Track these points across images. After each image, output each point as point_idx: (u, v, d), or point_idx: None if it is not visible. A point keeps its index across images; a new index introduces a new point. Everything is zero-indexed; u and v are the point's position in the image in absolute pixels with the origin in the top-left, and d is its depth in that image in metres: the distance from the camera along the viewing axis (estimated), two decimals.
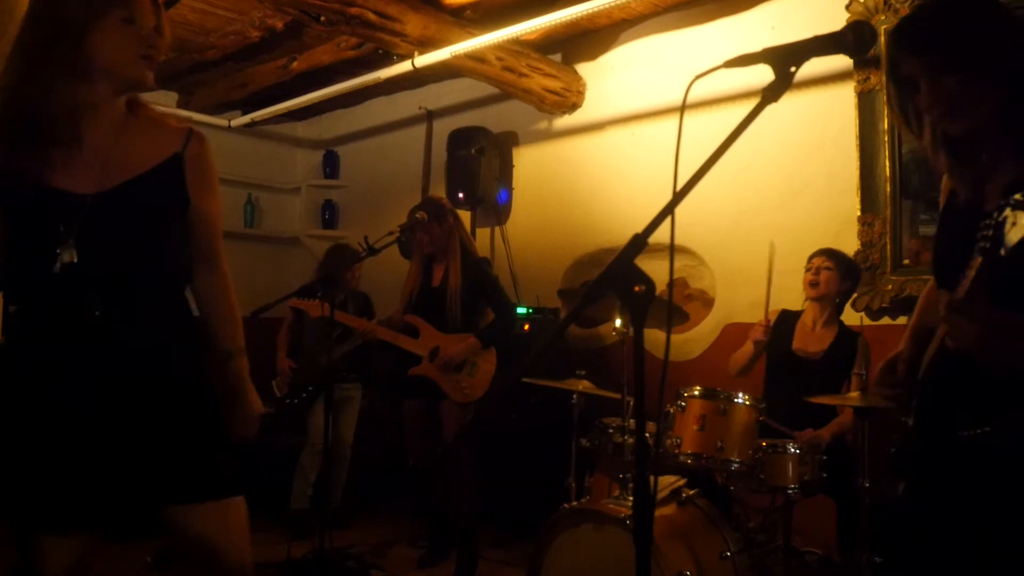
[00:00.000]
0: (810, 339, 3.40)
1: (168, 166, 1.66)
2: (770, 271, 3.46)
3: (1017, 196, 1.14)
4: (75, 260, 1.53)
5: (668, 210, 1.17)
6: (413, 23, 4.03)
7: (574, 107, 4.92)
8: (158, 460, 1.60)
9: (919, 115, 1.42)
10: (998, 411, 1.21)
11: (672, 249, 1.23)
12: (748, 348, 3.49)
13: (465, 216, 4.58)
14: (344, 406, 4.61)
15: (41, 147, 1.55)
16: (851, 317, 3.54)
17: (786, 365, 3.40)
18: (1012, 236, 1.23)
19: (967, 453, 1.25)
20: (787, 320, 3.49)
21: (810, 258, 3.44)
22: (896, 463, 1.42)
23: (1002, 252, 1.17)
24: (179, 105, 5.82)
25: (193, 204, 1.70)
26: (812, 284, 3.37)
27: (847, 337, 3.32)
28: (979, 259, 1.18)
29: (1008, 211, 1.18)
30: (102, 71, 1.58)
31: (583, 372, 3.38)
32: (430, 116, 5.70)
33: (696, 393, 2.90)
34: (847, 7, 3.75)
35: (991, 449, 1.22)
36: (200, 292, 1.77)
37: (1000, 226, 1.18)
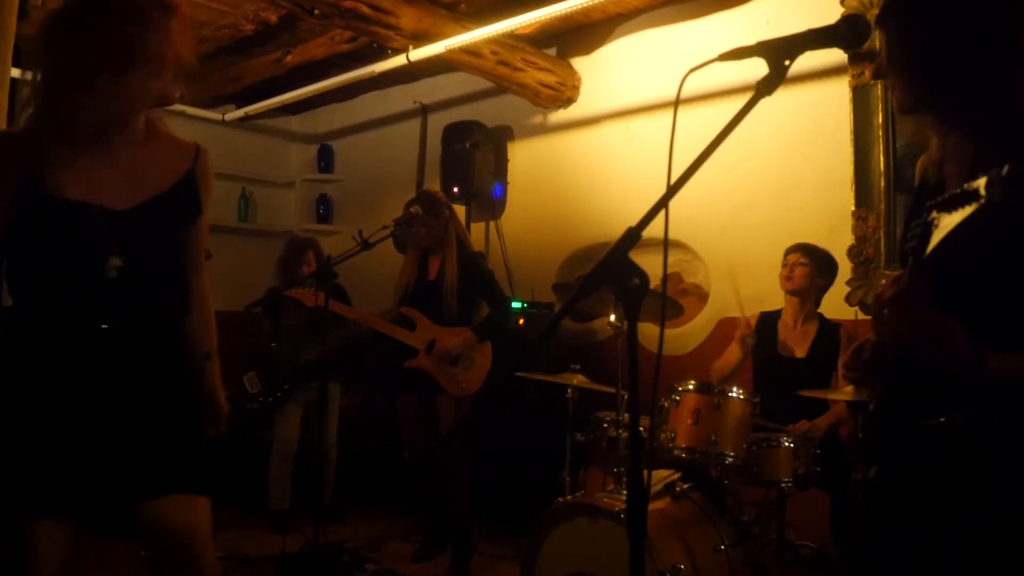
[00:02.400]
0: (793, 338, 3.42)
1: (186, 181, 1.76)
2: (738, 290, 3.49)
3: (946, 196, 1.14)
4: (122, 270, 1.62)
5: (662, 204, 1.17)
6: (407, 17, 4.02)
7: (569, 101, 4.91)
8: (150, 454, 1.65)
9: None
10: (961, 401, 1.21)
11: (666, 243, 1.23)
12: (733, 354, 3.46)
13: (460, 210, 4.57)
14: (325, 405, 4.57)
15: (76, 160, 1.61)
16: (846, 312, 3.55)
17: (773, 367, 3.42)
18: (935, 237, 1.25)
19: (929, 441, 1.25)
20: (768, 322, 3.50)
21: (786, 254, 3.47)
22: (865, 449, 1.42)
23: (927, 254, 1.18)
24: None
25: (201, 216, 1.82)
26: (787, 278, 3.41)
27: (829, 330, 3.37)
28: (911, 260, 1.18)
29: (935, 213, 1.19)
30: (143, 91, 1.65)
31: (577, 366, 3.39)
32: (424, 110, 5.68)
33: (690, 387, 2.91)
34: (842, 2, 3.75)
35: (953, 438, 1.22)
36: (191, 308, 1.85)
37: (928, 226, 1.18)
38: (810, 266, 3.38)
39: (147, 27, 1.63)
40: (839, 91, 3.80)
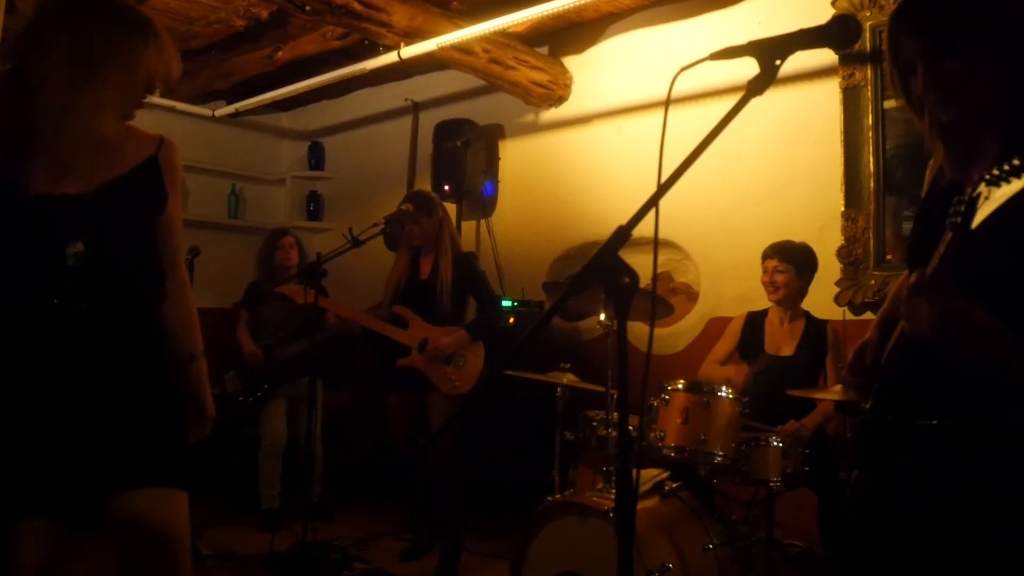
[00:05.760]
0: (780, 337, 3.42)
1: (148, 166, 1.74)
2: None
3: (994, 171, 1.10)
4: (83, 255, 1.59)
5: (652, 203, 1.17)
6: (399, 14, 4.01)
7: (560, 100, 4.91)
8: (121, 445, 1.63)
9: (919, 99, 1.34)
10: (955, 402, 1.21)
11: (656, 242, 1.23)
12: (727, 373, 3.47)
13: (451, 209, 4.57)
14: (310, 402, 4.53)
15: (38, 156, 1.60)
16: (834, 312, 3.57)
17: (762, 367, 3.42)
18: (984, 210, 1.20)
19: (921, 442, 1.25)
20: (755, 322, 3.50)
21: (763, 259, 3.43)
22: (851, 450, 1.41)
23: (972, 226, 1.14)
24: (162, 94, 5.72)
25: (168, 205, 1.78)
26: (771, 288, 3.38)
27: (816, 328, 3.38)
28: (949, 234, 1.13)
29: (983, 186, 1.16)
30: (114, 102, 1.66)
31: (567, 365, 3.39)
32: (416, 108, 5.67)
33: (680, 386, 2.92)
34: (833, 3, 3.77)
35: (943, 441, 1.22)
36: (165, 297, 1.82)
37: (973, 201, 1.14)
38: (790, 271, 3.36)
39: (125, 43, 1.63)
40: (829, 92, 3.81)
